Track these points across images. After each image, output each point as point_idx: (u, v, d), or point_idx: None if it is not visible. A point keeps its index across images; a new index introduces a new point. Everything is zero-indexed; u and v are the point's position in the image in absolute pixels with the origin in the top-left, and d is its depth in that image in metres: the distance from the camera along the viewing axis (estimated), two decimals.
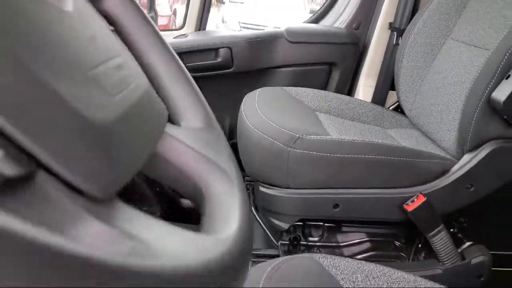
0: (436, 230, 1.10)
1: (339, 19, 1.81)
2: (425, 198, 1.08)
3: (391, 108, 1.64)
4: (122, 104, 0.30)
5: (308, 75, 1.73)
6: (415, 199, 1.08)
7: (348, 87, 1.81)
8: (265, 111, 1.17)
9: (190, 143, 0.39)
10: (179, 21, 1.84)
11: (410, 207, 1.07)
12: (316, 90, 1.50)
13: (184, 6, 1.73)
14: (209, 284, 0.26)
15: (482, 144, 1.08)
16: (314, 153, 1.05)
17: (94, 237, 0.22)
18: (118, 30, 0.44)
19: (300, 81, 1.69)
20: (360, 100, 1.53)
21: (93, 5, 0.39)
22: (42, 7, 0.27)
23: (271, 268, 0.62)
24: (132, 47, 0.44)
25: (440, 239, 1.10)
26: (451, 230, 1.20)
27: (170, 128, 0.39)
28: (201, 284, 0.25)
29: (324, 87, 1.76)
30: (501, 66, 1.01)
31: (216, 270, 0.26)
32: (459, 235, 1.21)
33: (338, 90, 1.75)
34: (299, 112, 1.27)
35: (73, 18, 0.30)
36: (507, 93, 0.97)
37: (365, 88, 1.75)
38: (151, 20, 0.45)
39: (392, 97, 1.69)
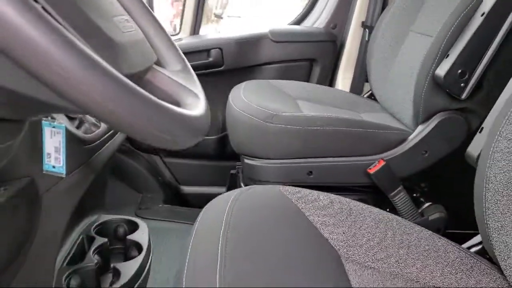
0: (396, 190, 1.28)
1: (318, 20, 2.02)
2: (385, 162, 1.27)
3: (365, 96, 1.83)
4: (129, 37, 0.51)
5: (291, 70, 1.93)
6: (377, 164, 1.27)
7: (329, 80, 2.01)
8: (248, 97, 1.37)
9: (173, 77, 0.59)
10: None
11: (372, 170, 1.26)
12: (298, 82, 1.70)
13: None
14: (204, 125, 0.48)
15: (432, 115, 1.27)
16: (289, 127, 1.25)
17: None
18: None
19: (284, 76, 1.89)
20: (339, 90, 1.72)
21: None
22: None
23: (233, 198, 0.78)
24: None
25: (400, 199, 1.29)
26: (414, 195, 1.39)
27: (158, 67, 0.60)
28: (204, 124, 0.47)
29: (306, 80, 1.96)
30: (441, 47, 1.20)
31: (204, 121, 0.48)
32: (421, 198, 1.39)
33: (319, 83, 1.95)
34: (279, 98, 1.47)
35: None
36: (446, 69, 1.17)
37: (343, 80, 1.95)
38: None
39: (367, 87, 1.89)
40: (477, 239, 0.95)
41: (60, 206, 0.91)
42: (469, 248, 0.95)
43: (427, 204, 1.35)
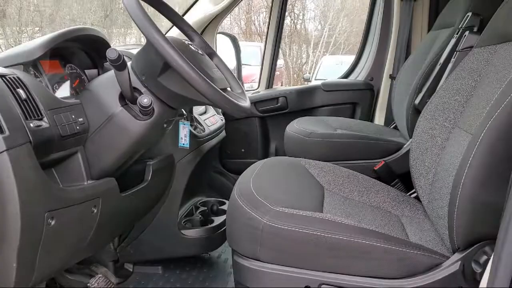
0: (394, 182, 1.89)
1: (360, 74, 2.73)
2: (385, 163, 1.90)
3: (391, 127, 2.45)
4: (219, 76, 1.29)
5: (339, 111, 2.63)
6: (379, 164, 1.90)
7: (370, 118, 2.67)
8: (298, 124, 2.10)
9: (235, 92, 1.36)
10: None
11: (376, 167, 1.89)
12: (341, 118, 2.39)
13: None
14: (247, 110, 1.23)
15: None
16: (320, 139, 1.94)
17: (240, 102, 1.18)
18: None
19: (333, 115, 2.59)
20: (373, 123, 2.38)
21: None
22: None
23: (265, 160, 1.48)
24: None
25: (398, 188, 1.89)
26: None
27: (230, 89, 1.36)
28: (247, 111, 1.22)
29: (351, 117, 2.64)
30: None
31: (247, 109, 1.23)
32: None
33: (361, 119, 2.62)
34: (321, 126, 2.16)
35: None
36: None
37: (379, 117, 2.61)
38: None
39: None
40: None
41: (182, 172, 1.69)
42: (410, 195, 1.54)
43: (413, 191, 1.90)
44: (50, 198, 1.01)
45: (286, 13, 2.70)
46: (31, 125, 0.98)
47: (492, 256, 0.78)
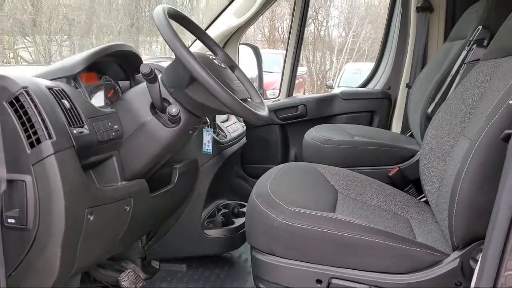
0: (408, 187, 1.96)
1: (378, 83, 2.81)
2: (399, 169, 1.97)
3: (408, 135, 2.52)
4: (240, 88, 1.40)
5: (357, 119, 2.72)
6: (394, 170, 1.98)
7: (387, 126, 2.75)
8: (316, 132, 2.20)
9: (254, 102, 1.47)
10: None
11: (391, 173, 1.97)
12: (359, 125, 2.47)
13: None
14: (265, 119, 1.34)
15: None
16: (336, 146, 2.03)
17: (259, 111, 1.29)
18: None
19: (351, 123, 2.68)
20: (387, 130, 2.46)
21: None
22: None
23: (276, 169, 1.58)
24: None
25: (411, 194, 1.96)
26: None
27: (250, 99, 1.48)
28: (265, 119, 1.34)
29: (369, 125, 2.72)
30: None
31: (265, 117, 1.35)
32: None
33: (378, 127, 2.70)
34: (338, 132, 2.25)
35: None
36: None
37: (396, 125, 2.68)
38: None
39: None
40: None
41: (205, 176, 1.81)
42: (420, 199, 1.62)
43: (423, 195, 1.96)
44: (89, 196, 1.15)
45: (310, 20, 2.80)
46: (74, 131, 1.12)
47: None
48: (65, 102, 1.14)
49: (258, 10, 2.53)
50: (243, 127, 2.21)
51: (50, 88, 1.13)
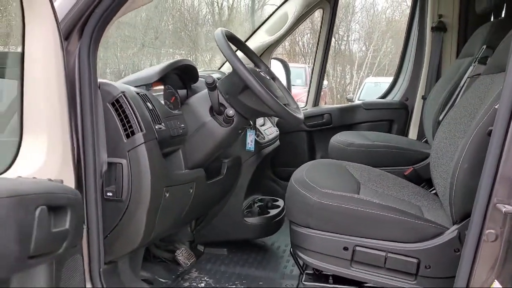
0: (421, 185, 2.24)
1: (396, 95, 3.10)
2: (413, 169, 2.26)
3: (423, 141, 2.79)
4: (280, 94, 1.72)
5: (377, 127, 3.01)
6: (409, 169, 2.26)
7: (405, 133, 3.03)
8: (340, 137, 2.50)
9: (290, 107, 1.78)
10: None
11: (406, 173, 2.25)
12: (378, 132, 2.76)
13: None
14: (301, 121, 1.67)
15: None
16: (357, 148, 2.33)
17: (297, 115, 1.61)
18: None
19: (371, 130, 2.97)
20: (406, 138, 2.74)
21: None
22: None
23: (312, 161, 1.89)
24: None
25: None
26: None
27: (287, 104, 1.79)
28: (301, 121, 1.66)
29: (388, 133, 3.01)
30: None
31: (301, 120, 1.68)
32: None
33: (397, 134, 2.98)
34: (359, 138, 2.54)
35: None
36: None
37: (413, 133, 2.96)
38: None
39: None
40: None
41: (246, 171, 2.13)
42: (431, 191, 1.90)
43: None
44: (167, 177, 1.48)
45: None
46: (156, 127, 1.45)
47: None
48: (149, 104, 1.48)
49: (288, 29, 2.86)
50: (277, 131, 2.52)
51: (137, 93, 1.47)
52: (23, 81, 1.08)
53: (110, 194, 1.39)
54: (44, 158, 1.08)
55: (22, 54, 1.08)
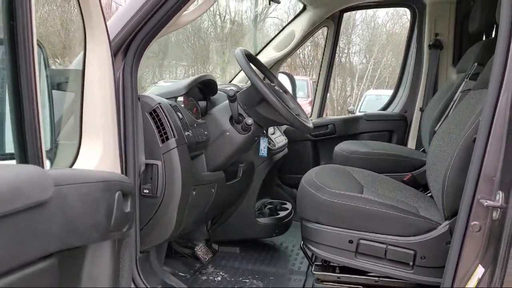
0: (419, 190, 2.45)
1: (396, 107, 3.32)
2: (412, 175, 2.46)
3: (421, 150, 3.00)
4: (293, 106, 1.93)
5: (377, 137, 3.22)
6: (407, 176, 2.46)
7: (404, 143, 3.24)
8: (343, 146, 2.71)
9: (301, 118, 2.00)
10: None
11: (405, 179, 2.46)
12: (379, 142, 2.97)
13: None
14: (310, 129, 1.87)
15: None
16: (360, 156, 2.53)
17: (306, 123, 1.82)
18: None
19: (373, 140, 3.18)
20: (405, 147, 2.95)
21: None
22: None
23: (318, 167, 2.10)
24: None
25: None
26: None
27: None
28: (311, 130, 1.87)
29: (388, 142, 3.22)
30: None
31: (310, 128, 1.88)
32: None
33: (396, 143, 3.19)
34: (361, 147, 2.75)
35: None
36: None
37: (411, 143, 3.17)
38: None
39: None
40: None
41: (259, 175, 2.33)
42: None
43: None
44: (194, 177, 1.68)
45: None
46: (185, 133, 1.66)
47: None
48: (179, 113, 1.69)
49: (295, 46, 3.09)
50: (285, 139, 2.73)
51: (170, 104, 1.69)
52: (83, 94, 1.29)
53: (147, 191, 1.60)
54: (99, 158, 1.29)
55: (83, 71, 1.29)
